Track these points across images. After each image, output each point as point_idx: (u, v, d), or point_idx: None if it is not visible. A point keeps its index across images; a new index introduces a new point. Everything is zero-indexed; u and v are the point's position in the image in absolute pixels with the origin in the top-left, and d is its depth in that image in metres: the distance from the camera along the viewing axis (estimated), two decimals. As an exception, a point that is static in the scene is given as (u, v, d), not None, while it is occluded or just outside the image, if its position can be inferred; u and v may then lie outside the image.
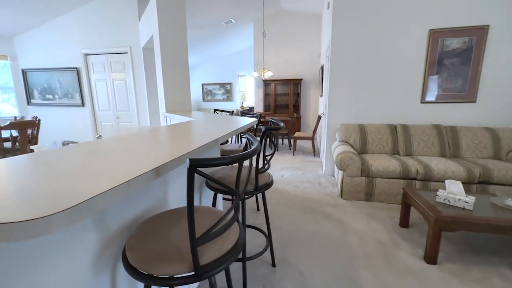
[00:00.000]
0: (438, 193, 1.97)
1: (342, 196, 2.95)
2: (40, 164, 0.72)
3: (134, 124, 4.71)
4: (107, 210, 0.85)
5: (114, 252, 0.89)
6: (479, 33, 3.07)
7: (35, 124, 3.59)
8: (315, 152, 5.29)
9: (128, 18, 4.30)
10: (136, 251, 0.76)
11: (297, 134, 5.28)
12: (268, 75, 6.21)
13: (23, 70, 5.11)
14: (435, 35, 3.17)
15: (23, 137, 3.28)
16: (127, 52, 4.41)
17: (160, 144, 1.00)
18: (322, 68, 5.16)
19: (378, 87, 3.45)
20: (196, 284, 1.63)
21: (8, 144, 3.38)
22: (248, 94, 9.64)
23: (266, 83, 7.18)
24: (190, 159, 0.59)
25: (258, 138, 0.98)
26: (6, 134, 3.23)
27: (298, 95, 7.15)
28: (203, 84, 10.05)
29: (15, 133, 3.32)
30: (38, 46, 4.89)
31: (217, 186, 1.39)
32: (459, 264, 1.76)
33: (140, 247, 0.78)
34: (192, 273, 0.72)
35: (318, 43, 6.73)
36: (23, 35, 4.92)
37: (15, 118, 4.77)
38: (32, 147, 2.35)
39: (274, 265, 1.78)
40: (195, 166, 0.60)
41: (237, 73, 9.67)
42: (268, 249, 1.95)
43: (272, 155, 1.54)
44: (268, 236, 1.74)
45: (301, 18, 6.74)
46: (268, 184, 1.48)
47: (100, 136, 4.67)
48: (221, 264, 0.76)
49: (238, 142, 3.57)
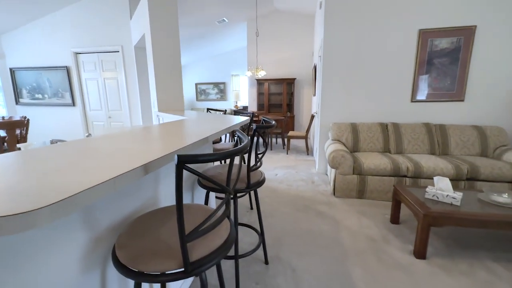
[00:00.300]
0: (427, 189, 2.02)
1: (334, 194, 2.98)
2: (26, 161, 0.71)
3: (126, 124, 4.66)
4: (96, 208, 0.84)
5: (104, 251, 0.89)
6: (467, 33, 3.14)
7: (23, 124, 3.52)
8: (309, 151, 5.33)
9: (119, 16, 4.24)
10: (126, 248, 0.76)
11: (290, 133, 5.31)
12: (261, 74, 6.22)
13: (11, 69, 4.99)
14: (425, 35, 3.23)
15: (11, 137, 3.21)
16: (118, 51, 4.36)
17: (150, 142, 1.00)
18: (315, 67, 5.20)
19: (370, 86, 3.50)
20: (190, 282, 1.63)
21: (-5, 145, 3.30)
22: (242, 93, 9.63)
23: (260, 82, 7.19)
24: (178, 155, 0.60)
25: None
26: (-7, 134, 3.15)
27: (291, 94, 7.19)
28: (196, 84, 10.00)
29: (3, 133, 3.25)
30: (27, 44, 4.79)
31: (208, 184, 1.39)
32: (447, 258, 1.80)
33: (130, 244, 0.78)
34: (182, 269, 0.73)
35: (311, 43, 6.78)
36: (11, 33, 4.81)
37: (3, 118, 4.65)
38: (18, 145, 2.30)
39: (267, 262, 1.79)
40: (183, 162, 0.60)
41: (230, 72, 9.65)
42: (261, 247, 1.96)
43: (263, 153, 1.55)
44: (261, 234, 1.75)
45: (294, 17, 6.77)
46: (260, 182, 1.49)
47: (90, 134, 4.61)
48: (211, 260, 0.77)
49: (232, 141, 3.57)
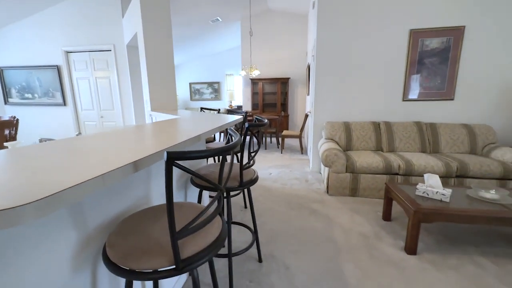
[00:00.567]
0: (418, 186, 2.06)
1: (328, 192, 3.01)
2: (13, 159, 0.70)
3: (119, 124, 4.61)
4: (87, 207, 0.83)
5: (95, 250, 0.88)
6: (456, 33, 3.21)
7: (13, 124, 3.45)
8: (303, 150, 5.36)
9: (111, 14, 4.19)
10: (116, 247, 0.76)
11: (284, 133, 5.33)
12: (255, 74, 6.22)
13: (-1, 68, 4.88)
14: (415, 35, 3.29)
15: (0, 137, 3.15)
16: (110, 50, 4.30)
17: (141, 140, 0.99)
18: (309, 67, 5.23)
19: (362, 85, 3.54)
20: (183, 281, 1.62)
21: (-17, 145, 3.23)
22: (237, 93, 9.62)
23: (254, 82, 7.20)
24: (168, 152, 0.60)
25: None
26: (-19, 134, 3.09)
27: (285, 94, 7.21)
28: (190, 83, 9.94)
29: (-9, 133, 3.18)
30: (16, 43, 4.69)
31: (201, 183, 1.40)
32: (436, 254, 1.84)
33: (121, 243, 0.78)
34: (173, 266, 0.73)
35: (305, 42, 6.81)
36: (-1, 31, 4.71)
37: (-9, 118, 4.55)
38: (6, 144, 2.26)
39: (260, 260, 1.80)
40: (173, 159, 0.61)
41: (225, 72, 9.63)
42: (255, 245, 1.97)
43: (256, 151, 1.55)
44: (254, 232, 1.76)
45: (287, 17, 6.79)
46: (253, 180, 1.49)
47: (80, 133, 4.55)
48: (202, 257, 0.77)
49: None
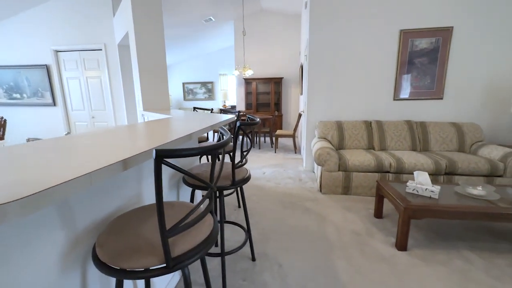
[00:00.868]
0: (408, 184, 2.09)
1: (321, 190, 3.04)
2: (-1, 160, 0.69)
3: (111, 124, 4.55)
4: (75, 207, 0.83)
5: (85, 250, 0.87)
6: (445, 34, 3.28)
7: (0, 124, 3.37)
8: (296, 149, 5.39)
9: (101, 13, 4.13)
10: (106, 246, 0.76)
11: (278, 132, 5.35)
12: (249, 73, 6.23)
13: (-14, 68, 4.76)
14: (405, 35, 3.34)
15: (-14, 138, 3.07)
16: (101, 49, 4.24)
17: (132, 139, 0.98)
18: (302, 67, 5.26)
19: (354, 85, 3.58)
20: (176, 281, 1.62)
21: (-31, 147, 3.14)
22: (230, 93, 9.61)
23: (248, 81, 7.20)
24: (157, 150, 0.60)
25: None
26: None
27: (279, 93, 7.23)
28: (184, 83, 9.88)
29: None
30: (3, 41, 4.57)
31: (193, 182, 1.39)
32: (426, 249, 1.88)
33: (111, 242, 0.77)
34: (164, 265, 0.73)
35: (298, 42, 6.85)
36: (-15, 30, 4.58)
37: (-22, 118, 4.43)
38: (-8, 143, 2.21)
39: (254, 259, 1.81)
40: (162, 156, 0.61)
41: (218, 72, 9.60)
42: (248, 244, 1.98)
43: (248, 150, 1.56)
44: (247, 231, 1.76)
45: (280, 17, 6.82)
46: (246, 179, 1.50)
47: (69, 133, 4.47)
48: (193, 256, 0.77)
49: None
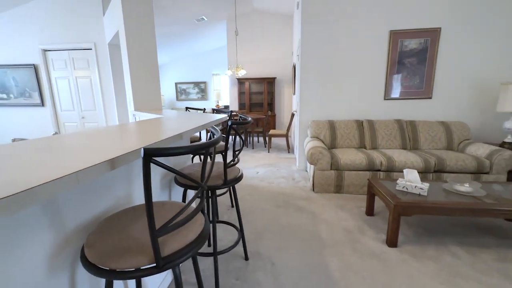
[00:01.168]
0: (398, 181, 2.13)
1: (314, 189, 3.06)
2: (-17, 161, 0.67)
3: (101, 124, 4.48)
4: (64, 207, 0.81)
5: (73, 251, 0.86)
6: (433, 35, 3.35)
7: (-14, 125, 3.28)
8: (290, 148, 5.41)
9: (91, 12, 4.06)
10: (95, 247, 0.75)
11: (271, 132, 5.36)
12: (241, 73, 6.22)
13: (-30, 67, 4.62)
14: (395, 36, 3.40)
15: (-29, 140, 2.98)
16: (91, 48, 4.17)
17: (122, 139, 0.97)
18: (294, 67, 5.29)
19: (346, 84, 3.62)
20: (169, 281, 1.61)
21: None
22: (223, 93, 9.57)
23: (241, 81, 7.19)
24: (145, 148, 0.59)
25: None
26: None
27: (272, 93, 7.25)
28: (176, 83, 9.80)
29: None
30: (-12, 40, 4.45)
31: (184, 181, 1.39)
32: (416, 245, 1.92)
33: (100, 243, 0.76)
34: (154, 264, 0.72)
35: (291, 42, 6.88)
36: (-30, 28, 4.45)
37: (-38, 119, 4.30)
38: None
39: (247, 258, 1.81)
40: (150, 155, 0.60)
41: (211, 71, 9.56)
42: (242, 243, 1.98)
43: (240, 150, 1.56)
44: (240, 230, 1.77)
45: (273, 17, 6.84)
46: (238, 178, 1.50)
47: (57, 132, 4.38)
48: (183, 255, 0.77)
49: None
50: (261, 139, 7.03)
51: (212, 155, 0.99)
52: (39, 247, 0.73)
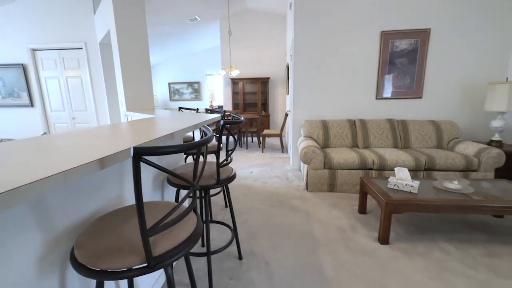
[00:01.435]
0: (389, 180, 2.16)
1: (307, 188, 3.08)
2: (-33, 161, 0.66)
3: (93, 125, 4.41)
4: (53, 208, 0.80)
5: (63, 252, 0.85)
6: (423, 35, 3.41)
7: (-28, 126, 3.19)
8: (283, 148, 5.43)
9: (81, 10, 4.00)
10: (85, 248, 0.74)
11: (265, 132, 5.37)
12: (235, 73, 6.21)
13: (-45, 67, 4.49)
14: (386, 37, 3.45)
15: (-43, 141, 2.90)
16: (81, 48, 4.10)
17: (112, 139, 0.96)
18: (288, 67, 5.31)
19: (339, 84, 3.66)
20: (162, 282, 1.59)
21: None
22: (217, 93, 9.54)
23: (234, 81, 7.18)
24: (134, 147, 0.59)
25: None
26: None
27: (266, 93, 7.26)
28: (170, 83, 9.72)
29: None
30: (-26, 39, 4.33)
31: (177, 181, 1.38)
32: (407, 242, 1.95)
33: (90, 243, 0.75)
34: (145, 264, 0.72)
35: (284, 42, 6.91)
36: (-46, 27, 4.32)
37: None
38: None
39: (240, 258, 1.81)
40: (140, 154, 0.60)
41: (205, 72, 9.51)
42: (236, 243, 1.98)
43: (233, 149, 1.56)
44: (234, 230, 1.77)
45: (266, 17, 6.85)
46: (231, 178, 1.50)
47: (46, 133, 4.30)
48: (175, 254, 0.77)
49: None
50: (255, 139, 7.04)
51: (204, 155, 0.99)
52: (28, 248, 0.72)
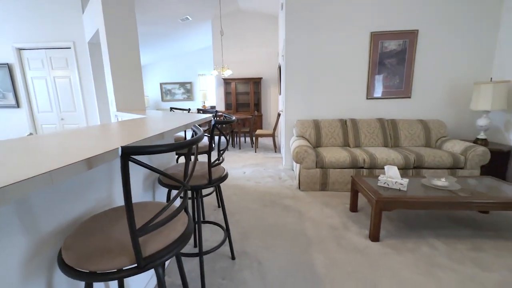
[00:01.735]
0: (379, 178, 2.21)
1: (300, 188, 3.10)
2: None
3: (82, 126, 4.32)
4: (38, 210, 0.78)
5: (50, 255, 0.83)
6: (411, 36, 3.49)
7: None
8: (276, 148, 5.45)
9: (69, 9, 3.92)
10: (73, 249, 0.73)
11: (258, 132, 5.38)
12: (227, 73, 6.20)
13: None
14: (376, 37, 3.51)
15: None
16: (70, 47, 4.02)
17: (100, 139, 0.95)
18: (280, 67, 5.34)
19: (330, 85, 3.70)
20: (155, 283, 1.58)
21: None
22: (210, 93, 9.50)
23: (227, 82, 7.17)
24: (122, 147, 0.59)
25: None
26: None
27: (258, 93, 7.28)
28: (161, 84, 9.63)
29: None
30: (-44, 38, 4.19)
31: (168, 182, 1.37)
32: (397, 239, 1.99)
33: (78, 245, 0.74)
34: (135, 265, 0.71)
35: (276, 43, 6.94)
36: None
37: None
38: None
39: (233, 257, 1.81)
40: (128, 154, 0.59)
41: (197, 72, 9.46)
42: (228, 243, 1.97)
43: (224, 149, 1.56)
44: (226, 230, 1.76)
45: (258, 17, 6.87)
46: (222, 178, 1.50)
47: (31, 133, 4.20)
48: (165, 254, 0.76)
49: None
50: (248, 139, 7.04)
51: (194, 154, 0.98)
52: (11, 251, 0.70)
